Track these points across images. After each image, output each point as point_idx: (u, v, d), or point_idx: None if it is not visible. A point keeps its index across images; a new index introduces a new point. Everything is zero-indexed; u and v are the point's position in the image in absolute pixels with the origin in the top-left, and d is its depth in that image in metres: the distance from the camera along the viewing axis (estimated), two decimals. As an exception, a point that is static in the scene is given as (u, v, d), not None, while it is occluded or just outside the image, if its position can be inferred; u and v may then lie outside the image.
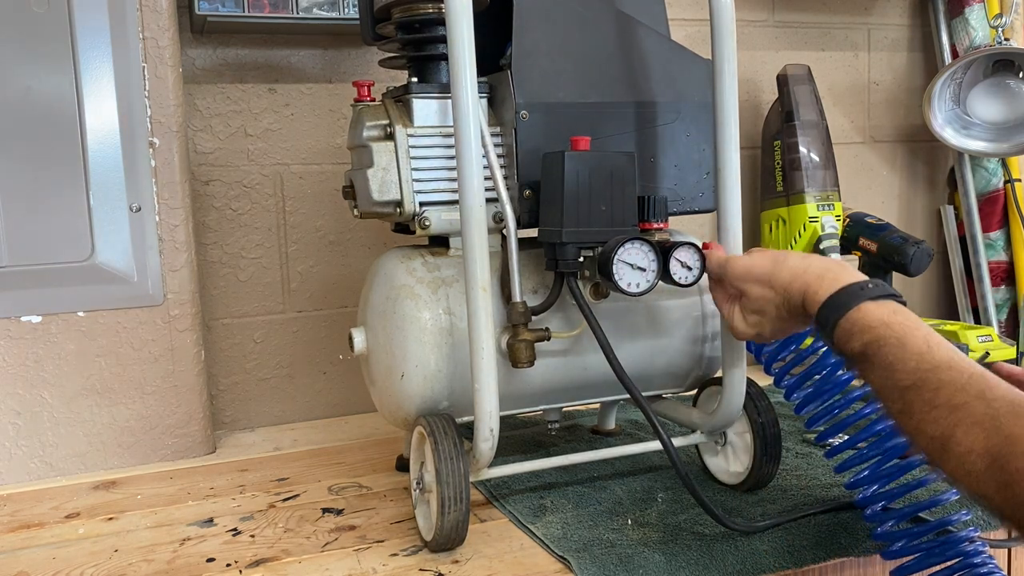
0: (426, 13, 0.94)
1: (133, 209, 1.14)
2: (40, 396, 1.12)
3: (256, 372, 1.35)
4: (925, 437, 0.59)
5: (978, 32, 1.64)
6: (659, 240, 0.88)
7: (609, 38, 0.96)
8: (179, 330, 1.17)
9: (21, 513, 1.02)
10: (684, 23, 1.55)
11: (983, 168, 1.70)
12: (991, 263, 1.71)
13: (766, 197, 1.57)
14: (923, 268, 1.40)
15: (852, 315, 0.67)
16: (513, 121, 0.92)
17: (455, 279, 0.93)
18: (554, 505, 0.95)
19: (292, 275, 1.35)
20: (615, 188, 0.87)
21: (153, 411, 1.17)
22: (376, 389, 0.99)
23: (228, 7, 1.17)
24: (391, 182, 0.92)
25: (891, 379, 0.62)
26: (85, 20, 1.10)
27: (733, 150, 0.90)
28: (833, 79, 1.71)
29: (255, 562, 0.86)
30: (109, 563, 0.87)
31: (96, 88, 1.11)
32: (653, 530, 0.88)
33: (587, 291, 0.93)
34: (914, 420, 0.60)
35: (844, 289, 0.69)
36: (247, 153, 1.31)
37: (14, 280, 1.10)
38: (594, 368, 0.96)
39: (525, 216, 0.93)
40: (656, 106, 0.98)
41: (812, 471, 1.03)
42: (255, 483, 1.09)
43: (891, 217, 1.76)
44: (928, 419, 0.59)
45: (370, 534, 0.92)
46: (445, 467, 0.83)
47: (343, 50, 1.35)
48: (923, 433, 0.59)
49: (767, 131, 1.58)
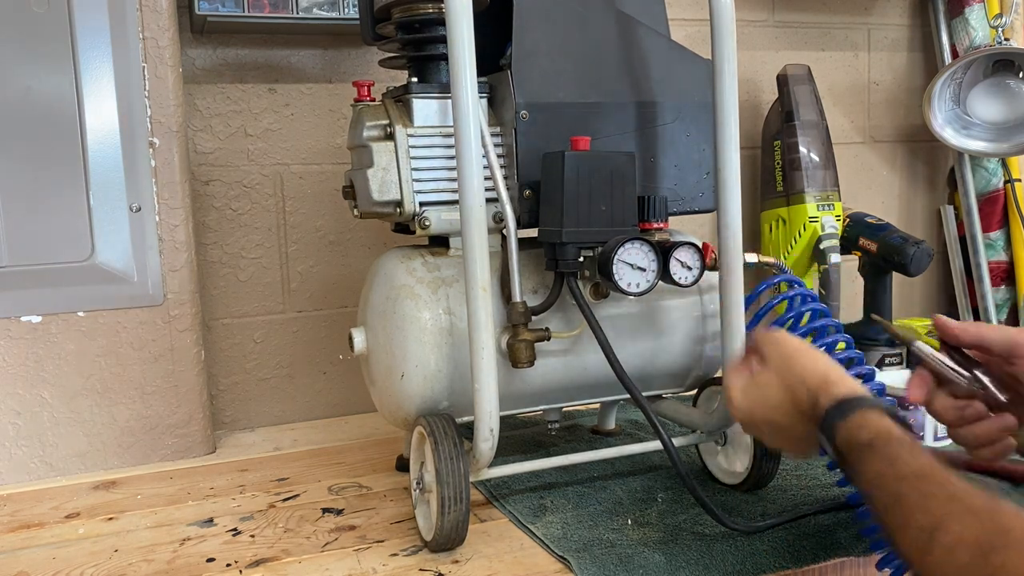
0: (426, 13, 0.94)
1: (133, 209, 1.14)
2: (40, 396, 1.12)
3: (256, 372, 1.35)
4: (913, 529, 0.57)
5: (978, 32, 1.64)
6: (659, 240, 0.88)
7: (609, 38, 0.95)
8: (179, 330, 1.17)
9: (21, 513, 1.02)
10: (684, 23, 1.55)
11: (983, 168, 1.70)
12: (991, 263, 1.71)
13: (766, 197, 1.57)
14: (923, 268, 1.40)
15: (869, 411, 0.65)
16: (513, 121, 0.92)
17: (455, 279, 0.93)
18: (554, 505, 0.95)
19: (292, 275, 1.35)
20: (615, 188, 0.87)
21: (153, 411, 1.17)
22: (376, 389, 0.99)
23: (228, 7, 1.17)
24: (391, 182, 0.92)
25: (892, 468, 0.61)
26: (85, 20, 1.10)
27: (733, 150, 0.90)
28: (833, 79, 1.70)
29: (255, 562, 0.86)
30: (109, 563, 0.87)
31: (96, 88, 1.11)
32: (653, 530, 0.88)
33: (587, 291, 0.93)
34: (904, 511, 0.58)
35: (866, 395, 0.68)
36: (247, 153, 1.31)
37: (14, 280, 1.10)
38: (594, 368, 0.96)
39: (525, 216, 0.93)
40: (656, 106, 0.97)
41: (812, 471, 1.03)
42: (255, 483, 1.09)
43: (891, 217, 1.76)
44: (921, 508, 0.57)
45: (370, 534, 0.92)
46: (445, 467, 0.83)
47: (343, 50, 1.35)
48: (911, 525, 0.57)
49: (767, 131, 1.58)
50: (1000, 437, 0.71)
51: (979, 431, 0.72)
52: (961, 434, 0.73)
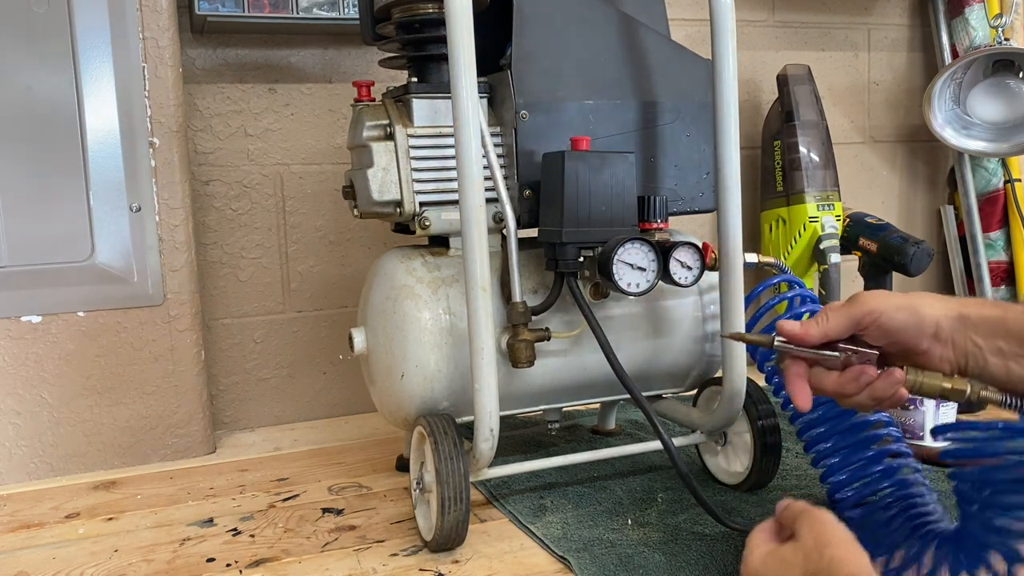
0: (426, 13, 0.94)
1: (133, 209, 1.14)
2: (40, 396, 1.12)
3: (256, 372, 1.35)
4: None
5: (978, 32, 1.64)
6: (659, 240, 0.88)
7: (609, 38, 0.96)
8: (179, 330, 1.17)
9: (21, 513, 1.02)
10: (684, 23, 1.55)
11: (983, 168, 1.70)
12: (991, 263, 1.71)
13: (766, 197, 1.57)
14: (923, 268, 1.40)
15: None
16: (513, 121, 0.92)
17: (455, 279, 0.93)
18: (554, 505, 0.95)
19: (292, 275, 1.35)
20: (615, 188, 0.87)
21: (153, 411, 1.17)
22: (376, 389, 0.99)
23: (228, 7, 1.17)
24: (391, 182, 0.92)
25: None
26: (85, 20, 1.10)
27: (733, 150, 0.90)
28: (833, 79, 1.71)
29: (255, 562, 0.86)
30: (109, 563, 0.87)
31: (96, 88, 1.11)
32: (653, 530, 0.88)
33: (587, 291, 0.93)
34: None
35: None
36: (247, 153, 1.31)
37: (14, 280, 1.10)
38: (594, 368, 0.96)
39: (525, 216, 0.93)
40: (656, 106, 0.98)
41: (812, 471, 1.03)
42: (255, 483, 1.09)
43: (891, 217, 1.76)
44: None
45: (370, 534, 0.92)
46: (445, 467, 0.83)
47: (343, 50, 1.35)
48: None
49: (767, 131, 1.58)
50: (893, 390, 0.72)
51: (873, 393, 0.72)
52: (858, 400, 0.73)
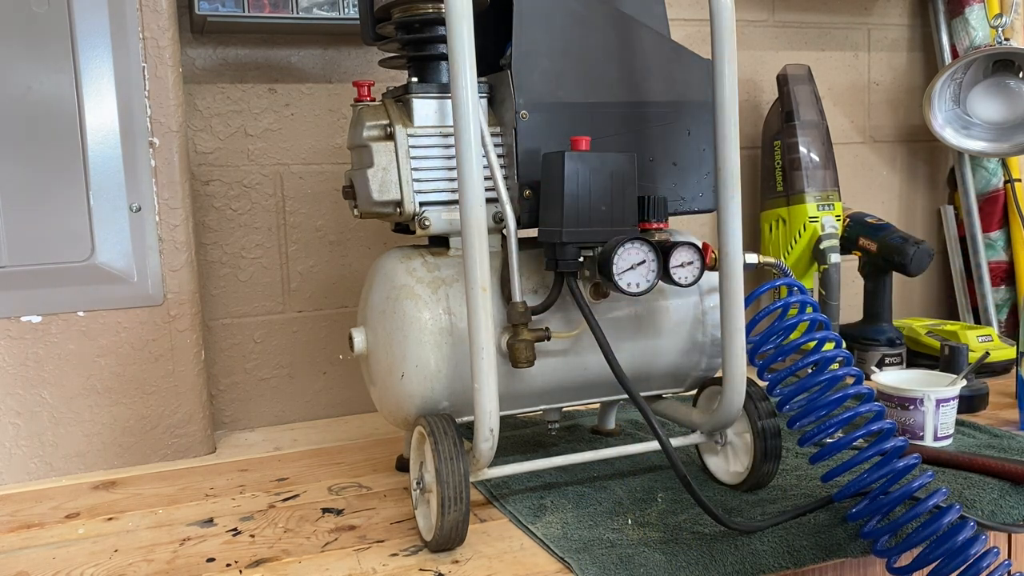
0: (426, 13, 0.94)
1: (133, 209, 1.14)
2: (40, 396, 1.12)
3: (256, 372, 1.35)
4: None
5: (978, 32, 1.64)
6: (659, 240, 0.88)
7: (609, 38, 0.96)
8: (179, 330, 1.17)
9: (21, 513, 1.02)
10: (684, 23, 1.55)
11: (983, 168, 1.70)
12: (991, 263, 1.71)
13: (766, 197, 1.57)
14: (923, 268, 1.40)
15: None
16: (513, 121, 0.92)
17: (455, 279, 0.93)
18: (554, 505, 0.95)
19: (292, 275, 1.35)
20: (615, 188, 0.87)
21: (153, 411, 1.17)
22: (376, 389, 0.99)
23: (228, 7, 1.17)
24: (391, 182, 0.92)
25: None
26: (85, 20, 1.10)
27: (733, 150, 0.90)
28: (833, 79, 1.71)
29: (255, 562, 0.86)
30: (109, 563, 0.87)
31: (96, 88, 1.11)
32: (653, 530, 0.88)
33: (587, 291, 0.93)
34: None
35: None
36: (247, 153, 1.31)
37: (14, 280, 1.10)
38: (594, 368, 0.96)
39: (525, 216, 0.93)
40: (656, 106, 0.98)
41: (812, 471, 1.03)
42: (255, 483, 1.09)
43: (891, 217, 1.77)
44: None
45: (370, 534, 0.92)
46: (445, 467, 0.83)
47: (343, 50, 1.35)
48: None
49: (767, 131, 1.58)
50: None
51: None
52: None
